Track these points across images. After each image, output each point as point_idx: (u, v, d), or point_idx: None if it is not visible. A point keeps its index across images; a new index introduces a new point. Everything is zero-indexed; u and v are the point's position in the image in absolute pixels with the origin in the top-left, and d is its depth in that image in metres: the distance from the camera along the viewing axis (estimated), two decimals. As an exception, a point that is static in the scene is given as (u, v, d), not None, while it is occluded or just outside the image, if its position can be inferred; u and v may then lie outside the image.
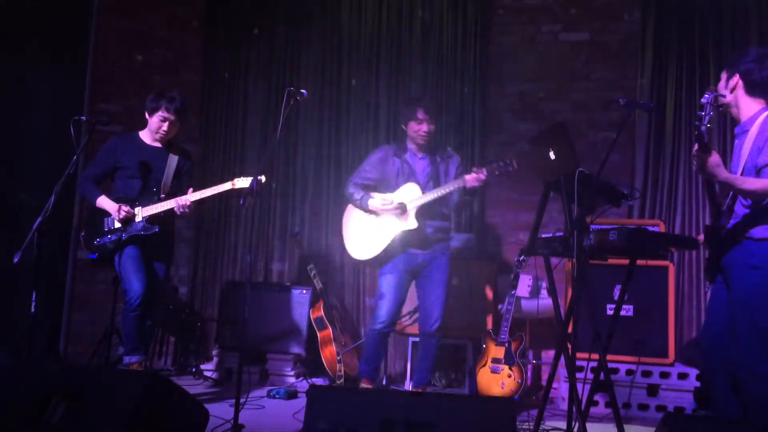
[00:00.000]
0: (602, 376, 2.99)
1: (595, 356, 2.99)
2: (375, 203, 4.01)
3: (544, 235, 3.14)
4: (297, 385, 4.71)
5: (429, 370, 4.11)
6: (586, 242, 2.78)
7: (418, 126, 4.01)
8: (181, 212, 3.93)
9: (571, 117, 5.07)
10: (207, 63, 5.80)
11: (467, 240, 4.86)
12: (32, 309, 3.32)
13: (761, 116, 2.79)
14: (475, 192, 3.96)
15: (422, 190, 3.98)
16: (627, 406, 4.12)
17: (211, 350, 5.12)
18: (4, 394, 2.61)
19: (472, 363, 4.54)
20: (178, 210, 3.92)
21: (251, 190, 3.38)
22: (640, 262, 3.07)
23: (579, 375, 2.91)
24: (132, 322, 3.89)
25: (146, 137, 4.12)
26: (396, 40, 5.45)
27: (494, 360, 4.23)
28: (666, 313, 4.23)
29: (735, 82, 2.86)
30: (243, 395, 3.24)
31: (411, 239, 3.98)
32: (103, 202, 3.96)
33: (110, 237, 3.95)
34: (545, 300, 4.52)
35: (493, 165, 3.85)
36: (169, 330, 5.28)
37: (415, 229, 3.95)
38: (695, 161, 2.61)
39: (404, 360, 4.92)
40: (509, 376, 4.17)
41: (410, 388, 4.39)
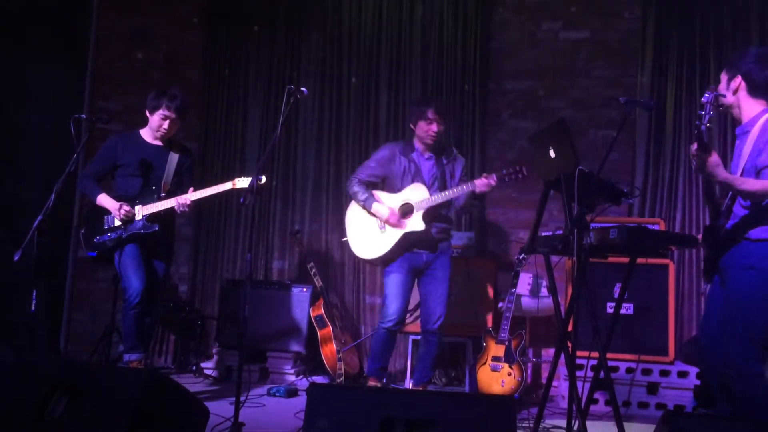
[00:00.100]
0: (602, 375, 2.99)
1: (595, 354, 2.99)
2: (382, 212, 3.96)
3: (545, 234, 3.14)
4: (297, 384, 4.71)
5: (430, 369, 4.11)
6: (586, 240, 2.78)
7: (428, 126, 4.00)
8: (181, 211, 3.93)
9: (571, 115, 5.06)
10: (207, 60, 5.79)
11: (468, 238, 4.86)
12: (33, 307, 3.33)
13: (762, 117, 2.79)
14: (483, 197, 3.95)
15: (428, 191, 3.99)
16: (627, 405, 4.13)
17: (211, 348, 5.12)
18: (6, 390, 2.61)
19: (473, 361, 4.54)
20: (179, 209, 3.92)
21: (251, 189, 3.38)
22: (640, 261, 3.07)
23: (579, 373, 2.92)
24: (131, 320, 3.89)
25: (147, 135, 4.11)
26: (396, 38, 5.45)
27: (494, 358, 4.24)
28: (666, 312, 4.24)
29: (737, 84, 2.84)
30: (243, 393, 3.24)
31: (416, 239, 3.97)
32: (104, 200, 3.96)
33: (110, 235, 3.96)
34: (545, 298, 4.52)
35: (503, 172, 3.86)
36: (170, 328, 5.29)
37: (422, 230, 3.95)
38: (695, 161, 2.61)
39: (404, 358, 4.93)
40: (509, 375, 4.17)
41: (410, 386, 4.40)
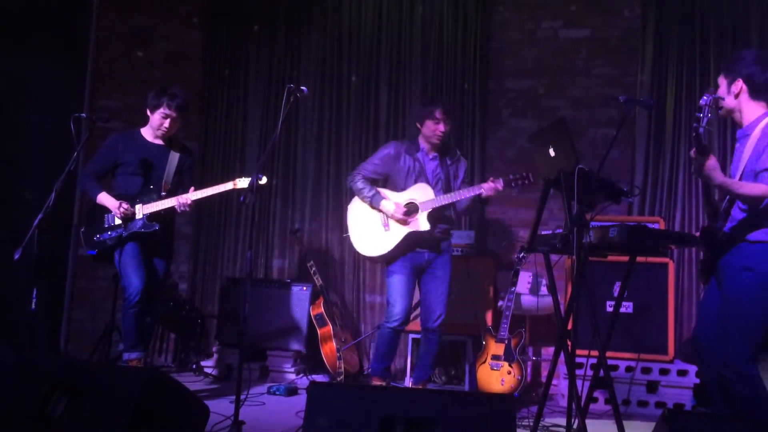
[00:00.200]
0: (602, 373, 3.00)
1: (595, 353, 3.00)
2: (388, 207, 3.96)
3: (544, 232, 3.14)
4: (297, 382, 4.71)
5: (429, 367, 4.12)
6: (586, 239, 2.78)
7: (435, 125, 3.99)
8: (182, 210, 3.93)
9: (571, 114, 5.06)
10: (207, 60, 5.80)
11: (467, 237, 4.86)
12: (33, 306, 3.33)
13: (763, 121, 2.78)
14: (488, 200, 3.97)
15: (433, 192, 3.98)
16: (626, 403, 4.13)
17: (212, 347, 5.13)
18: (6, 390, 2.62)
19: (472, 360, 4.55)
20: (179, 208, 3.92)
21: (251, 188, 3.39)
22: (640, 259, 3.07)
23: (579, 372, 2.92)
24: (131, 319, 3.89)
25: (147, 134, 4.11)
26: (396, 37, 5.44)
27: (494, 357, 4.24)
28: (666, 310, 4.24)
29: (739, 87, 2.83)
30: (243, 392, 3.25)
31: (419, 239, 3.97)
32: (104, 199, 3.96)
33: (110, 234, 3.96)
34: (545, 297, 4.52)
35: (510, 177, 3.87)
36: (170, 327, 5.29)
37: (426, 231, 3.95)
38: (693, 163, 2.61)
39: (404, 357, 4.93)
40: (509, 373, 4.17)
41: (410, 385, 4.40)
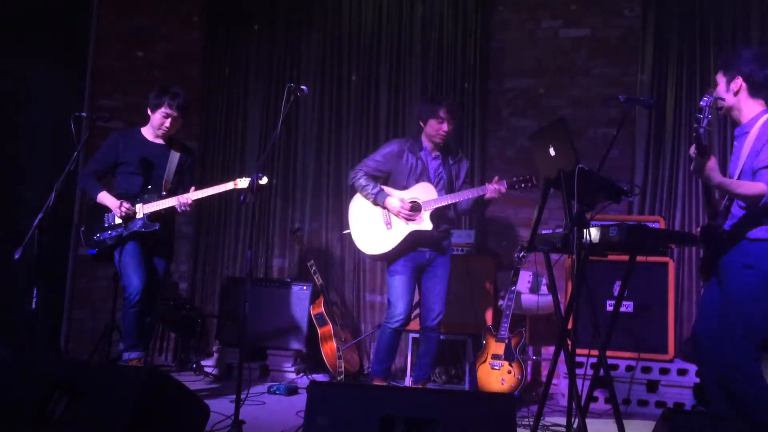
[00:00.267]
0: (602, 372, 2.99)
1: (595, 352, 3.00)
2: (393, 204, 3.95)
3: (545, 231, 3.15)
4: (297, 381, 4.72)
5: (429, 366, 4.13)
6: (586, 239, 2.78)
7: (439, 125, 3.99)
8: (182, 210, 3.94)
9: (571, 113, 5.06)
10: (207, 59, 5.80)
11: (467, 236, 4.86)
12: (33, 305, 3.33)
13: (761, 119, 2.79)
14: (490, 202, 3.97)
15: (436, 191, 3.98)
16: (627, 402, 4.14)
17: (212, 346, 5.13)
18: (6, 390, 2.62)
19: (472, 359, 4.55)
20: (180, 208, 3.92)
21: (251, 187, 3.39)
22: (640, 259, 3.07)
23: (579, 371, 2.92)
24: (131, 319, 3.89)
25: (148, 133, 4.12)
26: (396, 36, 5.44)
27: (494, 356, 4.24)
28: (666, 310, 4.24)
29: (738, 85, 2.84)
30: (243, 391, 3.25)
31: (422, 238, 3.97)
32: (105, 198, 3.96)
33: (111, 233, 3.96)
34: (545, 296, 4.52)
35: (513, 179, 3.88)
36: (170, 326, 5.29)
37: (429, 230, 3.95)
38: (693, 163, 2.61)
39: (404, 356, 4.93)
40: (509, 372, 4.17)
41: (410, 384, 4.40)
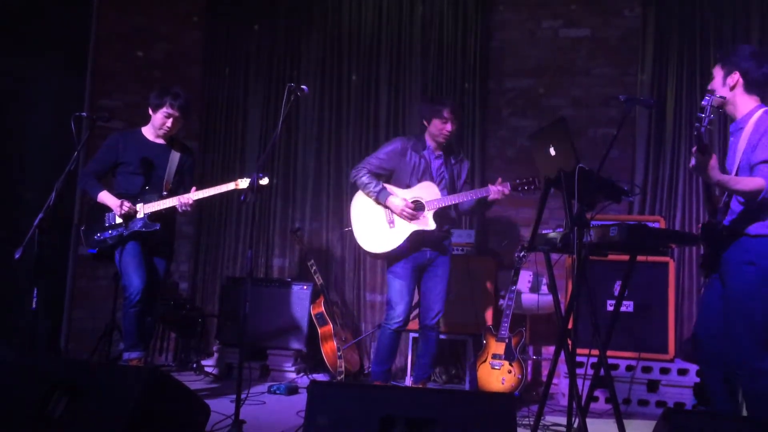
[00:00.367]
0: (602, 372, 2.99)
1: (596, 352, 3.00)
2: (396, 203, 3.94)
3: (545, 231, 3.15)
4: (297, 381, 4.72)
5: (429, 365, 4.13)
6: (587, 238, 2.78)
7: (443, 125, 3.99)
8: (183, 210, 3.93)
9: (572, 113, 5.06)
10: (207, 59, 5.80)
11: (468, 236, 4.86)
12: (33, 305, 3.33)
13: (756, 114, 2.81)
14: (492, 203, 3.97)
15: (439, 191, 3.98)
16: (627, 402, 4.14)
17: (212, 346, 5.13)
18: (6, 390, 2.62)
19: (473, 359, 4.55)
20: (181, 208, 3.92)
21: (252, 187, 3.39)
22: (641, 258, 3.07)
23: (579, 371, 2.92)
24: (132, 319, 3.89)
25: (148, 133, 4.12)
26: (396, 36, 5.45)
27: (494, 356, 4.24)
28: (666, 309, 4.24)
29: (735, 80, 2.86)
30: (244, 391, 3.25)
31: (424, 239, 3.97)
32: (105, 198, 3.96)
33: (111, 233, 3.95)
34: (545, 296, 4.52)
35: (516, 181, 3.87)
36: (170, 326, 5.29)
37: (432, 230, 3.94)
38: (693, 160, 2.62)
39: (405, 356, 4.93)
40: (509, 372, 4.17)
41: (410, 384, 4.40)
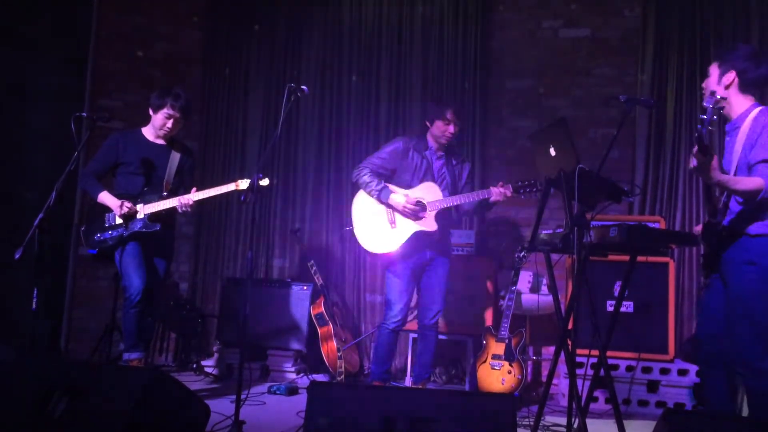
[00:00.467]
0: (602, 373, 3.00)
1: (595, 352, 3.00)
2: (398, 200, 3.94)
3: (545, 232, 3.15)
4: (297, 381, 4.72)
5: (429, 365, 4.13)
6: (587, 239, 2.79)
7: (446, 126, 3.99)
8: (183, 210, 3.93)
9: (572, 113, 5.06)
10: (207, 59, 5.80)
11: (467, 236, 4.86)
12: (33, 305, 3.33)
13: (752, 113, 2.81)
14: (494, 205, 3.98)
15: (441, 192, 3.98)
16: (627, 402, 4.14)
17: (212, 346, 5.13)
18: (6, 390, 2.62)
19: (473, 359, 4.55)
20: (181, 209, 3.92)
21: (252, 187, 3.39)
22: (641, 259, 3.07)
23: (579, 371, 2.92)
24: (132, 319, 3.89)
25: (149, 133, 4.12)
26: (396, 36, 5.45)
27: (494, 356, 4.24)
28: (666, 310, 4.24)
29: (731, 79, 2.87)
30: (244, 391, 3.25)
31: (425, 239, 3.97)
32: (105, 198, 3.96)
33: (111, 233, 3.95)
34: (545, 296, 4.52)
35: (518, 183, 3.88)
36: (170, 326, 5.30)
37: (433, 231, 3.95)
38: (694, 160, 2.62)
39: (404, 356, 4.93)
40: (509, 373, 4.17)
41: (410, 384, 4.40)
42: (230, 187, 3.89)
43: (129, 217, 3.93)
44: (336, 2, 5.58)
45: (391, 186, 4.03)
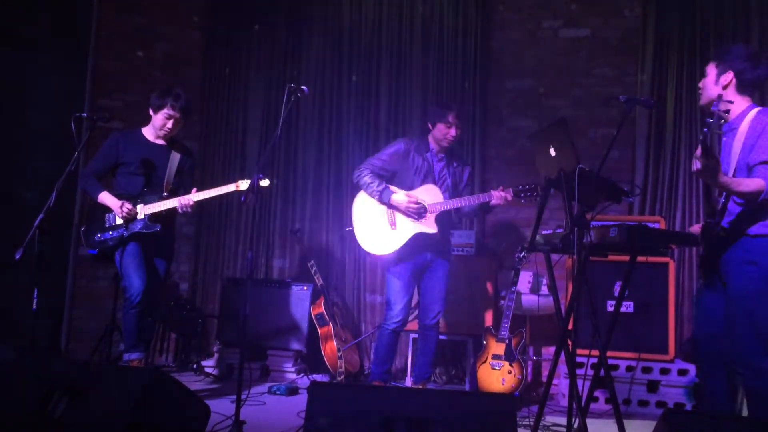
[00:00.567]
0: (602, 373, 3.00)
1: (596, 352, 3.00)
2: (399, 200, 3.94)
3: (545, 232, 3.14)
4: (298, 382, 4.72)
5: (429, 365, 4.13)
6: (587, 239, 2.78)
7: (447, 129, 3.99)
8: (184, 211, 3.93)
9: (572, 113, 5.05)
10: (207, 59, 5.80)
11: (468, 237, 4.86)
12: (33, 305, 3.33)
13: (750, 114, 2.81)
14: (494, 208, 3.98)
15: (441, 194, 3.99)
16: (627, 402, 4.14)
17: (212, 346, 5.13)
18: (6, 390, 2.62)
19: (473, 359, 4.55)
20: (181, 209, 3.92)
21: (252, 188, 3.39)
22: (641, 259, 3.07)
23: (579, 371, 2.92)
24: (132, 319, 3.89)
25: (149, 134, 4.12)
26: (396, 36, 5.45)
27: (495, 356, 4.24)
28: (666, 310, 4.24)
29: (728, 80, 2.87)
30: (244, 391, 3.25)
31: (425, 241, 3.97)
32: (105, 198, 3.96)
33: (111, 234, 3.95)
34: (546, 296, 4.52)
35: (519, 187, 3.88)
36: (170, 326, 5.30)
37: (433, 233, 3.94)
38: (698, 163, 2.61)
39: (404, 356, 4.93)
40: (509, 373, 4.17)
41: (410, 384, 4.40)
42: (231, 188, 3.89)
43: (129, 218, 3.92)
44: (336, 2, 5.58)
45: (392, 187, 4.03)
